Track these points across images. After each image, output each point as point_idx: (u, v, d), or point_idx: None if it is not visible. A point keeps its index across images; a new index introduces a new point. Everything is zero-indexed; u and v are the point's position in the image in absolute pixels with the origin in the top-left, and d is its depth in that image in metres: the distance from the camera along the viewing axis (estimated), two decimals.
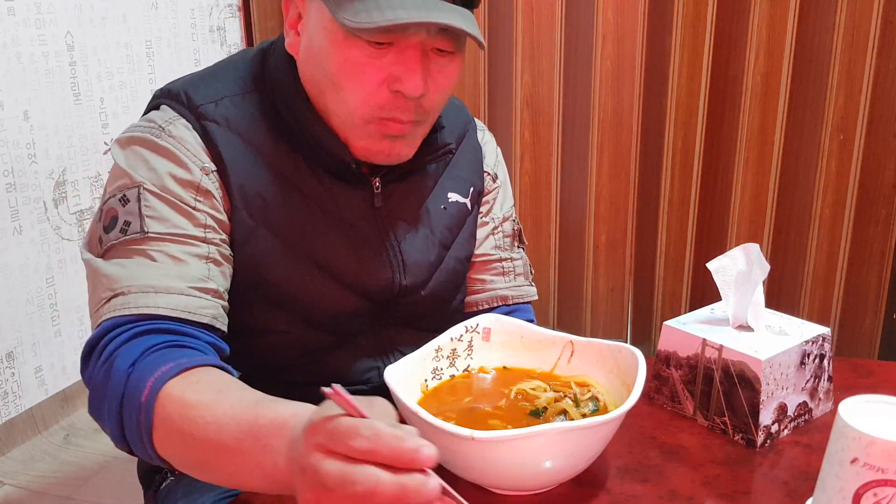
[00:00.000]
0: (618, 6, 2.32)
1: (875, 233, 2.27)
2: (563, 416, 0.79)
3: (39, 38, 2.02)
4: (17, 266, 2.03)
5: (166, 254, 0.78)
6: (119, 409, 0.70)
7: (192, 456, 0.67)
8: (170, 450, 0.69)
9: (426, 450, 0.49)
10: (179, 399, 0.67)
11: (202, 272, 0.80)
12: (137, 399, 0.68)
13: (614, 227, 2.53)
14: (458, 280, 1.03)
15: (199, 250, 0.80)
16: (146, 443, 0.69)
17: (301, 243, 0.87)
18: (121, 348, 0.72)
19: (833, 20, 2.14)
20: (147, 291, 0.75)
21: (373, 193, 0.91)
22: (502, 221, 1.08)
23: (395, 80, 0.79)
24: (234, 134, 0.85)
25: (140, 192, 0.79)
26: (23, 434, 2.09)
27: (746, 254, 0.87)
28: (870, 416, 0.59)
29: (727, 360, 0.83)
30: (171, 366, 0.69)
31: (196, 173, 0.82)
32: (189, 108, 0.85)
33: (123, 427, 0.70)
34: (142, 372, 0.69)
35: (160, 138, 0.82)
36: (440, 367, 0.86)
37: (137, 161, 0.82)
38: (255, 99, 0.87)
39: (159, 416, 0.67)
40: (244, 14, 2.72)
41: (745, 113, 2.29)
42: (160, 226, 0.79)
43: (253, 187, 0.85)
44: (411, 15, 0.74)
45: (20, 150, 2.00)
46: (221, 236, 0.83)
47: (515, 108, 2.46)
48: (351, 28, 0.76)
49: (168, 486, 0.95)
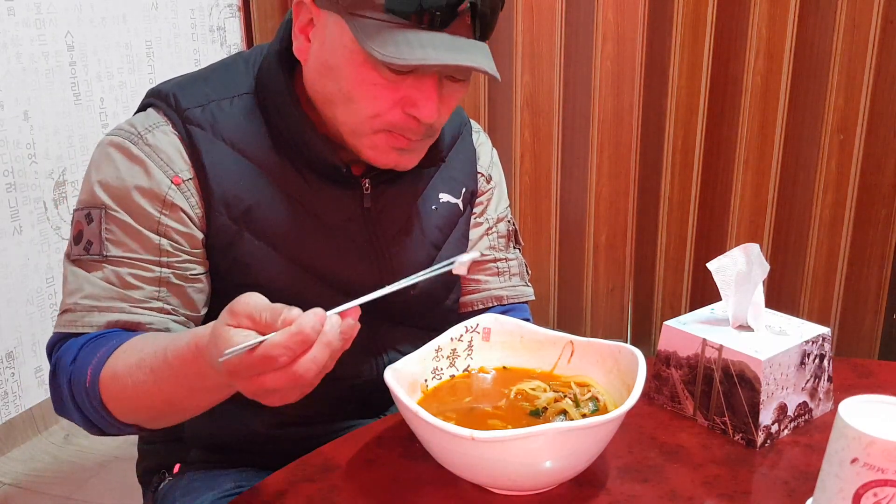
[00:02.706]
0: (618, 6, 2.32)
1: (875, 233, 2.27)
2: (563, 417, 0.79)
3: (39, 38, 2.02)
4: (17, 266, 2.03)
5: (118, 276, 0.83)
6: (72, 401, 0.80)
7: (152, 411, 0.77)
8: (131, 416, 0.78)
9: (318, 313, 0.62)
10: (113, 375, 0.76)
11: (152, 294, 0.84)
12: (82, 386, 0.78)
13: (614, 227, 2.53)
14: (451, 280, 1.03)
15: (151, 275, 0.83)
16: (110, 420, 0.78)
17: (287, 246, 0.87)
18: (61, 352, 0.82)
19: (833, 20, 2.14)
20: (91, 311, 0.82)
21: (362, 195, 0.91)
22: (496, 222, 1.07)
23: (410, 105, 0.81)
24: (219, 138, 0.86)
25: (102, 215, 0.83)
26: (23, 434, 2.09)
27: (746, 254, 0.87)
28: (870, 416, 0.59)
29: (727, 360, 0.83)
30: (104, 350, 0.78)
31: (163, 186, 0.84)
32: (176, 111, 0.86)
33: (84, 414, 0.80)
34: (80, 365, 0.79)
35: (136, 145, 0.84)
36: (440, 367, 0.86)
37: (109, 169, 0.84)
38: (244, 102, 0.88)
39: (106, 394, 0.76)
40: (244, 14, 2.72)
41: (745, 113, 2.29)
42: (117, 250, 0.83)
43: (236, 192, 0.86)
44: (441, 56, 0.75)
45: (20, 150, 2.00)
46: (182, 257, 0.85)
47: (515, 108, 2.46)
48: (380, 60, 0.76)
49: (167, 485, 0.95)
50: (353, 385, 0.94)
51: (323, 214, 0.89)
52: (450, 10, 0.75)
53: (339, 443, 0.83)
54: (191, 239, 0.85)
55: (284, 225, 0.87)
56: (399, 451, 0.81)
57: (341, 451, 0.82)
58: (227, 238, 0.86)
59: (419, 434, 0.73)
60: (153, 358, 0.73)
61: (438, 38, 0.76)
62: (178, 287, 0.85)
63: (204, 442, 0.95)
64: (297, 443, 0.91)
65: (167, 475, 0.97)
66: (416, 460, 0.79)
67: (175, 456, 0.97)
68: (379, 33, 0.75)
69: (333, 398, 0.92)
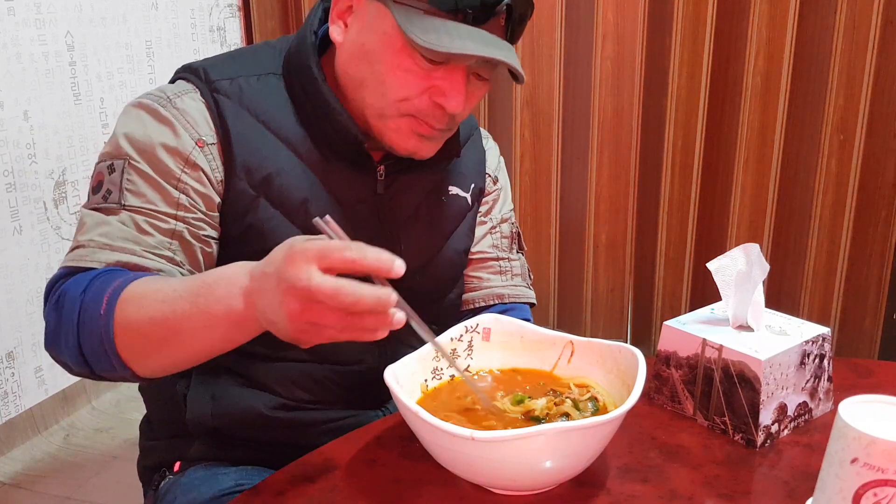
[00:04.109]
0: (618, 6, 2.32)
1: (875, 233, 2.27)
2: (564, 417, 0.79)
3: (39, 38, 2.02)
4: (17, 266, 2.03)
5: (134, 222, 0.84)
6: (77, 331, 0.77)
7: (153, 338, 0.75)
8: (131, 344, 0.76)
9: (398, 262, 0.63)
10: (132, 297, 0.75)
11: (163, 243, 0.85)
12: (97, 312, 0.76)
13: (614, 227, 2.53)
14: (456, 273, 1.05)
15: (166, 226, 0.85)
16: (109, 351, 0.76)
17: (301, 216, 0.90)
18: (70, 282, 0.81)
19: (833, 20, 2.14)
20: (103, 248, 0.82)
21: (376, 180, 0.94)
22: (500, 222, 1.10)
23: (438, 94, 0.86)
24: (244, 109, 0.89)
25: (125, 165, 0.85)
26: (23, 434, 2.09)
27: (746, 254, 0.87)
28: (870, 416, 0.59)
29: (727, 360, 0.83)
30: (121, 280, 0.77)
31: (188, 146, 0.86)
32: (205, 82, 0.90)
33: (81, 346, 0.78)
34: (96, 292, 0.77)
35: (165, 108, 0.87)
36: (440, 367, 0.86)
37: (136, 125, 0.87)
38: (270, 81, 0.92)
39: (118, 319, 0.75)
40: (244, 14, 2.72)
41: (745, 113, 2.29)
42: (136, 200, 0.85)
43: (257, 159, 0.89)
44: (478, 48, 0.81)
45: (20, 150, 2.00)
46: (197, 215, 0.87)
47: (515, 108, 2.46)
48: (419, 46, 0.81)
49: (167, 483, 0.96)
50: (355, 372, 0.95)
51: (338, 192, 0.92)
52: (488, 8, 0.81)
53: (339, 443, 0.83)
54: (207, 200, 0.88)
55: (301, 195, 0.90)
56: (399, 451, 0.81)
57: (341, 451, 0.82)
58: (244, 204, 0.88)
59: (419, 434, 0.73)
60: (181, 281, 0.75)
61: (476, 32, 0.82)
62: (189, 245, 0.86)
63: (206, 427, 0.95)
64: (297, 429, 0.93)
65: (167, 473, 0.97)
66: (416, 460, 0.79)
67: (176, 453, 0.97)
68: (421, 21, 0.81)
69: (334, 384, 0.94)
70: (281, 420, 0.93)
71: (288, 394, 0.93)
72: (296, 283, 0.61)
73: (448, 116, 0.88)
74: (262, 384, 0.93)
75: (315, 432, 0.94)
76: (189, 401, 0.93)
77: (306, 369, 0.93)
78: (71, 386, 2.23)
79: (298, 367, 0.93)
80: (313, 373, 0.93)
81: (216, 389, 0.93)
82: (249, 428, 0.94)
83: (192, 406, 0.93)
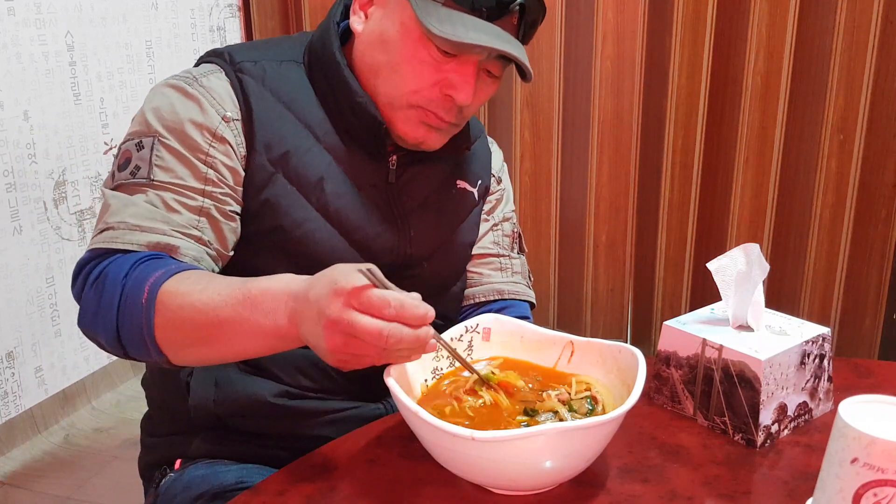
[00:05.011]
0: (618, 6, 2.31)
1: (875, 233, 2.26)
2: (552, 416, 0.78)
3: (39, 38, 2.02)
4: (17, 266, 2.03)
5: (163, 200, 0.86)
6: (116, 314, 0.79)
7: (194, 336, 0.78)
8: (171, 336, 0.79)
9: (430, 311, 0.69)
10: (175, 291, 0.77)
11: (191, 221, 0.86)
12: (138, 300, 0.78)
13: (614, 227, 2.53)
14: (460, 265, 1.08)
15: (194, 203, 0.87)
16: (147, 339, 0.79)
17: (316, 194, 0.92)
18: (110, 266, 0.82)
19: (833, 20, 2.13)
20: (133, 229, 0.84)
21: (388, 169, 0.97)
22: (502, 221, 1.13)
23: (449, 86, 0.89)
24: (267, 90, 0.93)
25: (154, 142, 0.87)
26: (23, 434, 2.09)
27: (746, 254, 0.87)
28: (870, 416, 0.59)
29: (727, 360, 0.83)
30: (163, 271, 0.79)
31: (215, 120, 0.89)
32: (230, 63, 0.94)
33: (119, 330, 0.80)
34: (137, 280, 0.79)
35: (191, 86, 0.90)
36: (440, 367, 0.86)
37: (164, 103, 0.89)
38: (291, 67, 0.96)
39: (160, 310, 0.77)
40: (244, 14, 2.72)
41: (745, 113, 2.29)
42: (165, 175, 0.87)
43: (277, 137, 0.91)
44: (492, 41, 0.85)
45: (20, 150, 2.00)
46: (224, 190, 0.89)
47: (515, 108, 2.46)
48: (434, 35, 0.85)
49: (168, 481, 0.96)
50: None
51: (352, 174, 0.95)
52: (503, 5, 0.86)
53: (339, 443, 0.83)
54: (234, 174, 0.90)
55: (317, 174, 0.92)
56: (399, 451, 0.81)
57: (341, 451, 0.82)
58: (262, 178, 0.91)
59: (419, 434, 0.73)
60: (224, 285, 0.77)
61: (490, 27, 0.86)
62: (216, 221, 0.89)
63: (208, 415, 0.94)
64: (299, 419, 0.94)
65: (168, 470, 0.97)
66: (416, 460, 0.79)
67: (178, 450, 0.97)
68: (438, 13, 0.85)
69: (338, 373, 0.95)
70: (283, 408, 0.94)
71: (291, 381, 0.94)
72: (338, 321, 0.66)
73: (456, 109, 0.91)
74: (266, 371, 0.94)
75: (316, 423, 0.94)
76: (192, 387, 0.94)
77: (310, 357, 0.93)
78: (71, 386, 2.23)
79: (302, 354, 0.93)
80: (317, 361, 0.94)
81: (219, 376, 0.93)
82: (252, 416, 0.94)
83: (195, 392, 0.93)
